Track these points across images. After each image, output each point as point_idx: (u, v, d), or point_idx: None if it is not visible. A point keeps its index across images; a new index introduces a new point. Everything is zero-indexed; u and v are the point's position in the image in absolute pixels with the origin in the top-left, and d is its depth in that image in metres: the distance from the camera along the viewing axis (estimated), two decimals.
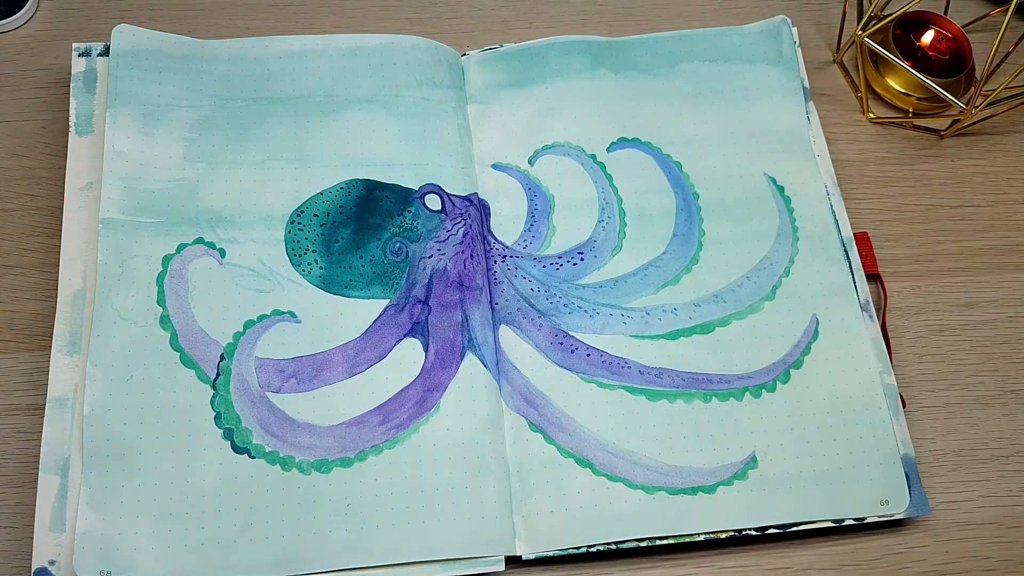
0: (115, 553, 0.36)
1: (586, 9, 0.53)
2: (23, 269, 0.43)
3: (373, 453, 0.39)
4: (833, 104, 0.52)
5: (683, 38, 0.50)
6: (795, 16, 0.52)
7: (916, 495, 0.41)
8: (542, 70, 0.48)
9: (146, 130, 0.44)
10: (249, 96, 0.45)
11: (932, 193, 0.50)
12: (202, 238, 0.42)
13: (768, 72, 0.49)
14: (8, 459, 0.40)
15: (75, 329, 0.40)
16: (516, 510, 0.39)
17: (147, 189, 0.42)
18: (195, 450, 0.38)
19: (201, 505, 0.37)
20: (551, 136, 0.47)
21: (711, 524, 0.39)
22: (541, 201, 0.45)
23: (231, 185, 0.43)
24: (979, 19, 0.54)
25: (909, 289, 0.47)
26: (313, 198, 0.44)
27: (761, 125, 0.48)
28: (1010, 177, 0.51)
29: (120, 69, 0.44)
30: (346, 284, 0.42)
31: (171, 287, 0.41)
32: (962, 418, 0.44)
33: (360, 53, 0.47)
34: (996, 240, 0.49)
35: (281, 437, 0.39)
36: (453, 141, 0.46)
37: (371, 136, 0.45)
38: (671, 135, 0.48)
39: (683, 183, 0.46)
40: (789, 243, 0.45)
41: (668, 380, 0.42)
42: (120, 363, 0.39)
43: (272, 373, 0.40)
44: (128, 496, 0.37)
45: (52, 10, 0.50)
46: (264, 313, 0.41)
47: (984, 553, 0.41)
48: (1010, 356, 0.46)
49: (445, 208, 0.44)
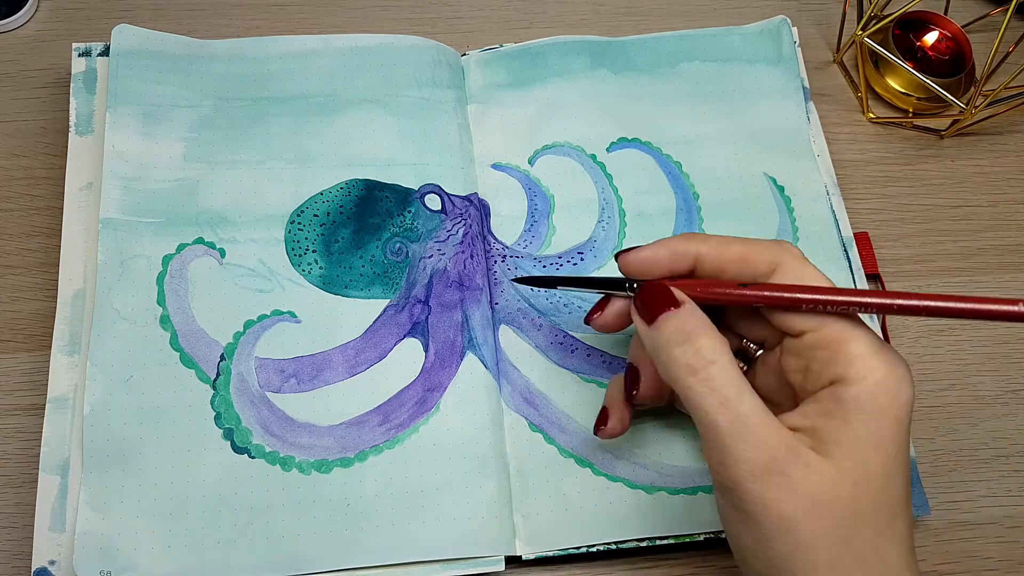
0: (115, 553, 0.36)
1: (586, 9, 0.53)
2: (23, 269, 0.43)
3: (373, 453, 0.39)
4: (833, 104, 0.52)
5: (683, 38, 0.50)
6: (795, 16, 0.52)
7: (916, 495, 0.41)
8: (542, 70, 0.48)
9: (146, 130, 0.44)
10: (249, 96, 0.45)
11: (932, 193, 0.50)
12: (202, 238, 0.42)
13: (768, 72, 0.49)
14: (8, 459, 0.40)
15: (75, 329, 0.40)
16: (516, 510, 0.39)
17: (147, 189, 0.42)
18: (195, 450, 0.38)
19: (201, 505, 0.37)
20: (551, 136, 0.47)
21: (711, 524, 0.39)
22: (541, 201, 0.45)
23: (231, 185, 0.43)
24: (979, 19, 0.54)
25: (909, 289, 0.47)
26: (313, 198, 0.44)
27: (761, 125, 0.48)
28: (1010, 177, 0.51)
29: (120, 69, 0.44)
30: (346, 284, 0.42)
31: (171, 287, 0.41)
32: (962, 418, 0.44)
33: (360, 53, 0.47)
34: (996, 240, 0.49)
35: (281, 437, 0.39)
36: (453, 141, 0.46)
37: (371, 136, 0.45)
38: (671, 135, 0.48)
39: (683, 183, 0.46)
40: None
41: None
42: (120, 363, 0.39)
43: (272, 373, 0.40)
44: (128, 496, 0.37)
45: (52, 10, 0.50)
46: (264, 313, 0.41)
47: (984, 553, 0.41)
48: (1010, 356, 0.46)
49: (445, 208, 0.44)
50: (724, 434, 0.29)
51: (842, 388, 0.29)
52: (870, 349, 0.29)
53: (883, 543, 0.29)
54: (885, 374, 0.29)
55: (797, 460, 0.28)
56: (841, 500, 0.28)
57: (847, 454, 0.28)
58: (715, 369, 0.29)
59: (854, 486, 0.28)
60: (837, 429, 0.29)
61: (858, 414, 0.29)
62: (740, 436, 0.28)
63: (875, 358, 0.29)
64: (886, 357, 0.29)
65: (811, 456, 0.29)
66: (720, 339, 0.30)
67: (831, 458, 0.29)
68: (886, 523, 0.29)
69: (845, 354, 0.29)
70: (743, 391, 0.29)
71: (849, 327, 0.30)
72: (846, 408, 0.29)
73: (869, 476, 0.28)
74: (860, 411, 0.29)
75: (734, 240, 0.33)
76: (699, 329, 0.31)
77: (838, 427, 0.29)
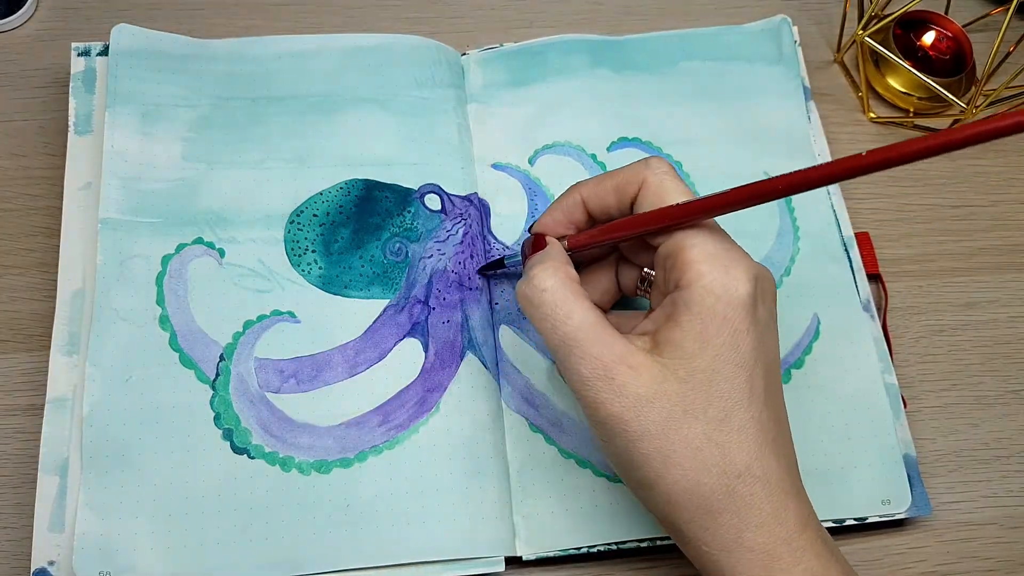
0: (114, 553, 0.36)
1: (586, 8, 0.53)
2: (22, 269, 0.43)
3: (373, 454, 0.39)
4: (834, 103, 0.52)
5: (683, 37, 0.50)
6: (795, 15, 0.52)
7: (917, 495, 0.41)
8: (542, 69, 0.48)
9: (145, 130, 0.43)
10: (248, 96, 0.45)
11: (933, 193, 0.50)
12: (201, 238, 0.42)
13: (769, 71, 0.49)
14: (7, 460, 0.39)
15: (74, 329, 0.40)
16: (516, 510, 0.39)
17: (146, 189, 0.42)
18: (194, 450, 0.38)
19: (200, 505, 0.37)
20: (551, 135, 0.47)
21: None
22: (541, 201, 0.45)
23: (230, 185, 0.43)
24: (980, 19, 0.54)
25: (910, 289, 0.47)
26: (312, 198, 0.43)
27: (761, 124, 0.48)
28: (1011, 177, 0.51)
29: (119, 69, 0.44)
30: (346, 284, 0.42)
31: (170, 287, 0.41)
32: (963, 418, 0.44)
33: (359, 52, 0.47)
34: (997, 240, 0.49)
35: (280, 437, 0.39)
36: (453, 141, 0.46)
37: (371, 136, 0.45)
38: (671, 134, 0.47)
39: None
40: (790, 242, 0.45)
41: None
42: (119, 363, 0.39)
43: (271, 373, 0.40)
44: (127, 496, 0.37)
45: (51, 10, 0.50)
46: (263, 313, 0.41)
47: (985, 554, 0.41)
48: (1011, 356, 0.46)
49: (445, 208, 0.44)
50: (558, 351, 0.32)
51: (678, 292, 0.31)
52: (705, 254, 0.31)
53: (717, 435, 0.30)
54: (715, 277, 0.30)
55: (622, 364, 0.30)
56: (667, 395, 0.30)
57: (673, 352, 0.31)
58: (546, 295, 0.32)
59: (680, 382, 0.30)
60: (669, 330, 0.31)
61: (687, 315, 0.31)
62: (571, 351, 0.31)
63: (708, 263, 0.31)
64: (721, 260, 0.31)
65: (639, 359, 0.31)
66: (555, 267, 0.33)
67: (661, 357, 0.31)
68: (718, 417, 0.30)
69: (683, 260, 0.31)
70: (572, 311, 0.31)
71: (690, 235, 0.32)
72: (678, 310, 0.31)
73: (694, 372, 0.30)
74: (688, 312, 0.31)
75: (607, 175, 0.35)
76: (535, 263, 0.33)
77: (671, 328, 0.31)
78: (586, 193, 0.35)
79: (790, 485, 0.31)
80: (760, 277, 0.32)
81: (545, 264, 0.33)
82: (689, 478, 0.30)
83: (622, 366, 0.30)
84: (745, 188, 0.30)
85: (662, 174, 0.33)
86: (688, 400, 0.30)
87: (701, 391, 0.30)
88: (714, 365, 0.30)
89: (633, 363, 0.30)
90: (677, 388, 0.30)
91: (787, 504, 0.30)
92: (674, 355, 0.30)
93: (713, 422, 0.30)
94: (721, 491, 0.30)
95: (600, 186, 0.35)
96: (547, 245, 0.35)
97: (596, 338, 0.31)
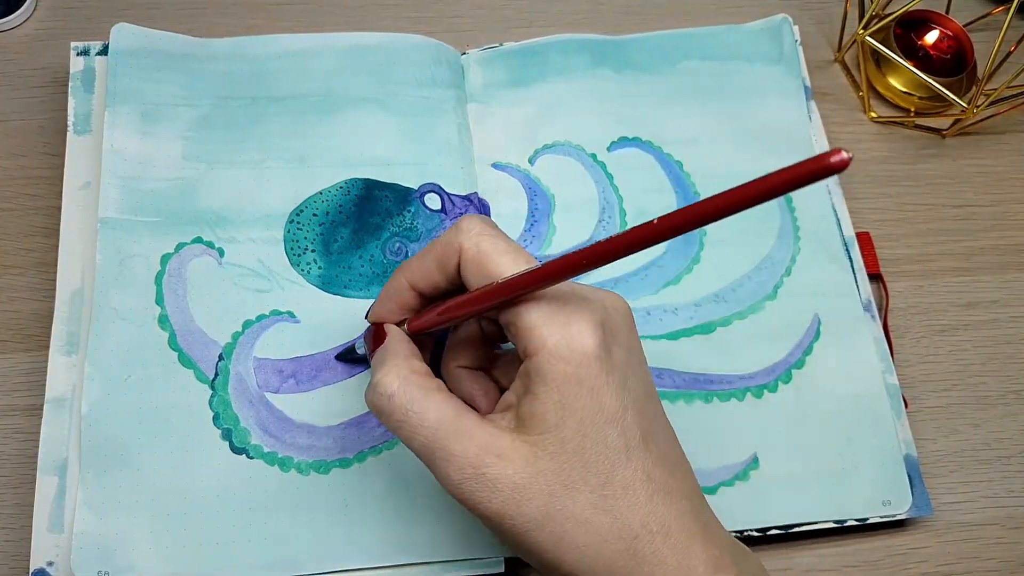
0: (113, 553, 0.36)
1: (586, 8, 0.53)
2: (21, 269, 0.43)
3: (372, 454, 0.39)
4: (834, 103, 0.52)
5: (684, 37, 0.50)
6: (796, 15, 0.52)
7: (918, 495, 0.41)
8: (542, 69, 0.48)
9: (145, 129, 0.43)
10: (248, 95, 0.45)
11: (934, 193, 0.50)
12: (201, 237, 0.42)
13: (769, 71, 0.49)
14: (6, 460, 0.39)
15: (73, 329, 0.40)
16: None
17: (145, 188, 0.42)
18: (193, 450, 0.38)
19: (199, 505, 0.37)
20: (551, 135, 0.47)
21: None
22: (541, 201, 0.45)
23: (230, 184, 0.43)
24: (981, 18, 0.54)
25: (911, 289, 0.47)
26: (312, 197, 0.43)
27: (762, 124, 0.48)
28: (1012, 177, 0.51)
29: (118, 68, 0.44)
30: (345, 284, 0.42)
31: (169, 287, 0.41)
32: (964, 419, 0.44)
33: (359, 52, 0.47)
34: (998, 240, 0.49)
35: (280, 437, 0.39)
36: (453, 140, 0.45)
37: (370, 135, 0.45)
38: (672, 134, 0.47)
39: (684, 182, 0.46)
40: (790, 242, 0.45)
41: (669, 380, 0.42)
42: (118, 363, 0.39)
43: (271, 373, 0.40)
44: (126, 496, 0.37)
45: (50, 9, 0.50)
46: (263, 313, 0.41)
47: (986, 554, 0.41)
48: (1013, 356, 0.46)
49: (445, 207, 0.44)
50: (421, 457, 0.29)
51: (528, 362, 0.29)
52: (542, 317, 0.28)
53: (604, 501, 0.28)
54: (558, 340, 0.28)
55: (489, 455, 0.28)
56: (543, 475, 0.28)
57: (538, 427, 0.28)
58: (394, 400, 0.29)
59: (552, 458, 0.28)
60: (530, 404, 0.29)
61: (542, 386, 0.28)
62: (434, 455, 0.29)
63: (547, 325, 0.28)
64: (559, 318, 0.28)
65: (505, 443, 0.29)
66: (397, 367, 0.30)
67: (529, 435, 0.29)
68: (600, 483, 0.28)
69: (523, 328, 0.29)
70: (425, 411, 0.29)
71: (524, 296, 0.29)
72: (533, 382, 0.29)
73: (564, 443, 0.28)
74: (543, 383, 0.28)
75: (426, 249, 0.32)
76: (377, 365, 0.31)
77: (531, 402, 0.29)
78: (410, 275, 0.33)
79: (692, 524, 0.29)
80: (606, 319, 0.29)
81: (387, 366, 0.30)
82: (588, 555, 0.28)
83: (490, 456, 0.28)
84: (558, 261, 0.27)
85: (476, 236, 0.30)
86: (565, 474, 0.28)
87: (576, 461, 0.28)
88: (582, 430, 0.28)
89: (500, 451, 0.28)
90: (550, 465, 0.28)
91: (692, 550, 0.29)
92: (539, 430, 0.28)
93: (596, 489, 0.28)
94: (623, 556, 0.28)
95: (422, 264, 0.32)
96: (387, 335, 0.33)
97: (456, 433, 0.29)
